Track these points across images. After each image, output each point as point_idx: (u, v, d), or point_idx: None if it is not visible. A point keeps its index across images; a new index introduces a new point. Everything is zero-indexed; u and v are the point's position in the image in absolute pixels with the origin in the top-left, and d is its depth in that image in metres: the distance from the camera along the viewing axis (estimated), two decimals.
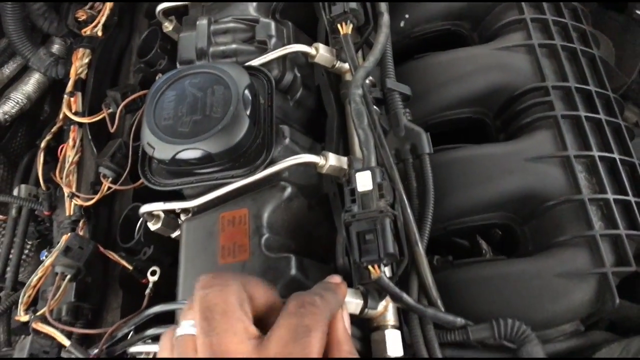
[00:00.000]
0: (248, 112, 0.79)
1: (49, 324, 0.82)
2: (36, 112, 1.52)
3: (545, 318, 0.79)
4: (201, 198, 0.82)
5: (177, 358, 0.53)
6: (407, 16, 1.10)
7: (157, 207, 0.85)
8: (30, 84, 1.39)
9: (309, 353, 0.51)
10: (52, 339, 0.81)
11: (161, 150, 0.78)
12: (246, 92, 0.80)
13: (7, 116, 1.36)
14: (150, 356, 0.74)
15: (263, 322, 0.54)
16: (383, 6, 0.94)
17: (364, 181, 0.75)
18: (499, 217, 0.91)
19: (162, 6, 1.05)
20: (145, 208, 0.85)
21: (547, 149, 0.89)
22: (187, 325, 0.53)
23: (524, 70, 0.97)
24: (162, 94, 0.82)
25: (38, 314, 0.84)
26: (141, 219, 0.96)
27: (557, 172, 0.87)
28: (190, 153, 0.77)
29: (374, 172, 0.74)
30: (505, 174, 0.88)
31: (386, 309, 0.73)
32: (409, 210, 0.76)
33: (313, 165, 0.81)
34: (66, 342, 0.80)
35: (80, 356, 0.77)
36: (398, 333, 0.72)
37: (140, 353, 0.76)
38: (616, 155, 0.89)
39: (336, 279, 0.65)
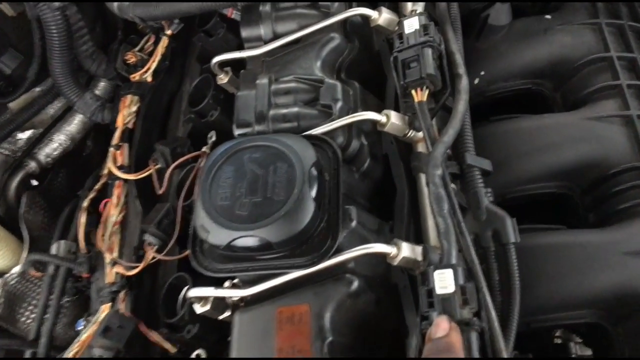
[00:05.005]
0: (314, 194, 0.70)
1: None
2: (79, 147, 1.46)
3: None
4: (256, 287, 0.73)
5: None
6: (482, 73, 1.01)
7: (207, 292, 0.76)
8: (74, 124, 1.33)
9: None
10: None
11: (216, 235, 0.70)
12: (312, 169, 0.71)
13: (49, 159, 1.30)
14: None
15: None
16: (462, 68, 0.84)
17: (444, 281, 0.66)
18: (590, 315, 0.79)
19: (218, 58, 0.98)
20: (194, 292, 0.77)
21: None
22: None
23: (620, 145, 0.86)
24: (219, 168, 0.75)
25: None
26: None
27: None
28: (248, 240, 0.69)
29: (456, 272, 0.66)
30: (602, 268, 0.78)
31: None
32: (496, 323, 0.66)
33: (383, 255, 0.72)
34: None
35: None
36: None
37: None
38: None
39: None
